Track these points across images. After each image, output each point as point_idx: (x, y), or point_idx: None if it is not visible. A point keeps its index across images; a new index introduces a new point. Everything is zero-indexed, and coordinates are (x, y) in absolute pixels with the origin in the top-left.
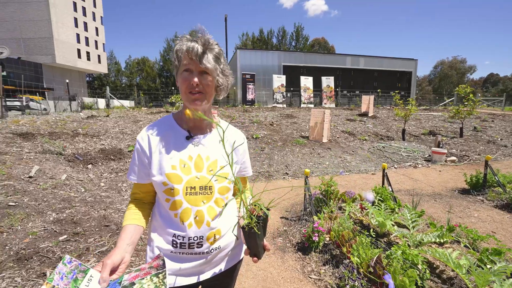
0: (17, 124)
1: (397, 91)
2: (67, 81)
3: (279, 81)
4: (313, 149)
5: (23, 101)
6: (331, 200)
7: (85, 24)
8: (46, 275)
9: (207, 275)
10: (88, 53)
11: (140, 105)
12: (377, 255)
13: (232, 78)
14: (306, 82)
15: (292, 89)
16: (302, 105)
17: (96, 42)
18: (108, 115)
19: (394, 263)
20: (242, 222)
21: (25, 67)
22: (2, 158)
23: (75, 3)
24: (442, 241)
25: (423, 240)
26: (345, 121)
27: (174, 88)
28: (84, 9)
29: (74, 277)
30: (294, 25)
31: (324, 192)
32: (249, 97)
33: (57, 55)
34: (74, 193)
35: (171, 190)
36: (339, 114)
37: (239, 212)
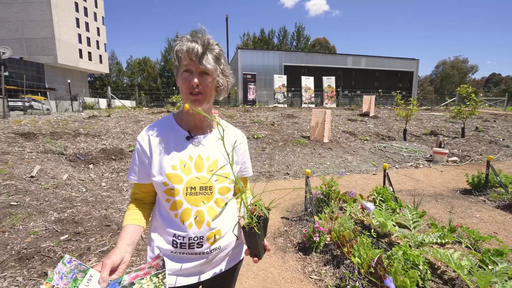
0: (19, 124)
1: (398, 91)
2: (68, 81)
3: (280, 81)
4: (314, 149)
5: (25, 101)
6: (332, 200)
7: (86, 24)
8: (47, 274)
9: (207, 275)
10: (89, 53)
11: (141, 105)
12: (378, 255)
13: (232, 78)
14: (307, 82)
15: (293, 89)
16: (303, 105)
17: (97, 42)
18: (109, 115)
19: (395, 264)
20: (242, 222)
21: (27, 67)
22: (4, 158)
23: (76, 4)
24: (444, 241)
25: (424, 240)
26: (346, 121)
27: (175, 88)
28: (85, 9)
29: (74, 276)
30: (295, 25)
31: (325, 192)
32: (250, 97)
33: (59, 55)
34: (76, 193)
35: (171, 190)
36: (340, 114)
37: (239, 212)
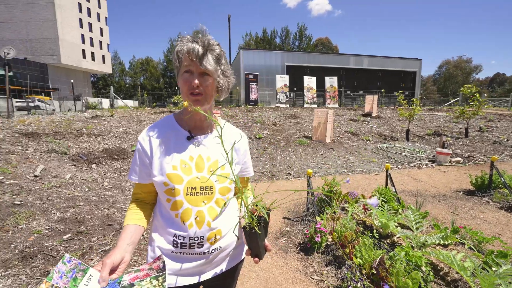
0: (23, 124)
1: (401, 91)
2: (72, 81)
3: (282, 81)
4: (316, 149)
5: (30, 102)
6: (334, 200)
7: (90, 25)
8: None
9: (208, 275)
10: (92, 54)
11: (143, 105)
12: (380, 256)
13: (233, 78)
14: (310, 82)
15: (295, 89)
16: (305, 105)
17: (100, 42)
18: (112, 115)
19: (397, 265)
20: (243, 222)
21: (31, 68)
22: (8, 158)
23: (80, 4)
24: (447, 243)
25: (427, 241)
26: (349, 121)
27: (177, 88)
28: (89, 10)
29: (74, 276)
30: (298, 25)
31: (327, 193)
32: (252, 97)
33: (62, 56)
34: (78, 192)
35: (172, 190)
36: (343, 114)
37: (240, 212)
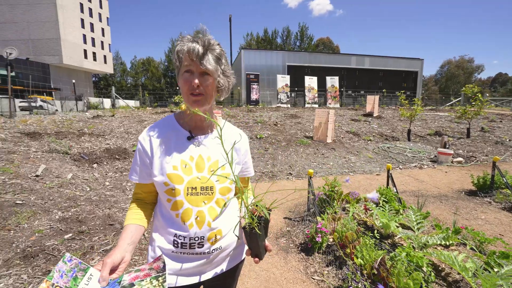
0: (24, 123)
1: (402, 91)
2: (73, 81)
3: (283, 81)
4: (317, 149)
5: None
6: (335, 200)
7: (91, 25)
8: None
9: (208, 275)
10: (94, 54)
11: (145, 105)
12: (381, 256)
13: (233, 78)
14: (311, 82)
15: (296, 89)
16: (307, 105)
17: (102, 42)
18: (113, 115)
19: (398, 265)
20: (243, 222)
21: (33, 68)
22: (10, 157)
23: (82, 4)
24: (448, 243)
25: (428, 242)
26: (350, 121)
27: (178, 88)
28: (90, 10)
29: (74, 275)
30: (299, 25)
31: (327, 193)
32: (253, 97)
33: (64, 56)
34: (80, 192)
35: (172, 190)
36: (344, 114)
37: (240, 213)
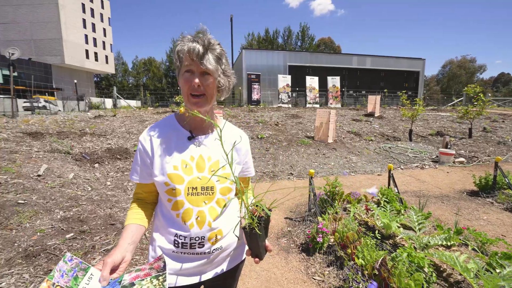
0: (27, 123)
1: (404, 91)
2: (75, 81)
3: (284, 81)
4: (318, 149)
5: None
6: (336, 201)
7: (93, 25)
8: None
9: (209, 275)
10: (96, 54)
11: (146, 105)
12: (382, 257)
13: (234, 78)
14: (312, 82)
15: (297, 89)
16: (308, 105)
17: (103, 42)
18: (115, 115)
19: (399, 266)
20: (244, 222)
21: (35, 68)
22: (12, 157)
23: (83, 5)
24: (449, 244)
25: (429, 242)
26: (351, 121)
27: (179, 88)
28: (92, 10)
29: (75, 275)
30: (300, 25)
31: (329, 193)
32: (255, 97)
33: (66, 56)
34: (81, 192)
35: (172, 190)
36: (345, 114)
37: (240, 213)
